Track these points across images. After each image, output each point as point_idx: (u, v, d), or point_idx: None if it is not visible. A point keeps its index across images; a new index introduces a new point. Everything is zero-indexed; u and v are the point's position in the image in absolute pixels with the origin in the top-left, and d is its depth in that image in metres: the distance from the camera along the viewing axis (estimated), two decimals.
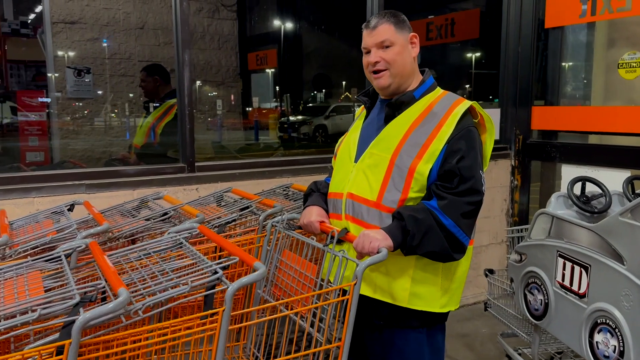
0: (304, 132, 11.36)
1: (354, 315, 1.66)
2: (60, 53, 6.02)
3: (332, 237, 1.79)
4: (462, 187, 1.71)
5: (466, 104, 1.80)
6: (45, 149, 4.74)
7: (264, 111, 10.05)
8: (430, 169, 1.74)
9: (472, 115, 1.83)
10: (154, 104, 3.89)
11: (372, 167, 1.81)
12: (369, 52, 1.85)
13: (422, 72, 1.93)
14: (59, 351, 1.29)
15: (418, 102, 1.85)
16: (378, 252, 1.65)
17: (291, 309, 1.80)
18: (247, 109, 9.63)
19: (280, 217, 2.07)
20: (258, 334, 2.10)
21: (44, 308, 1.37)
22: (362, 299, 1.80)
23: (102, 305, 1.35)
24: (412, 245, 1.69)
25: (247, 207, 2.56)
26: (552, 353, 2.75)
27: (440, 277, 1.81)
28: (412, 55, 1.86)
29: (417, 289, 1.79)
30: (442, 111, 1.80)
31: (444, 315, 1.89)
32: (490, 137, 1.88)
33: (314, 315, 1.72)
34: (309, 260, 1.85)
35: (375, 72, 1.84)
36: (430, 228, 1.69)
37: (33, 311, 1.35)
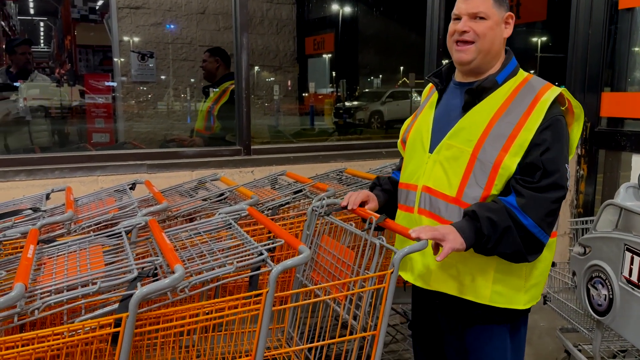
0: (359, 118, 11.25)
1: (390, 304, 1.61)
2: (125, 38, 6.21)
3: (371, 224, 1.73)
4: (545, 181, 1.57)
5: (555, 90, 1.65)
6: (110, 131, 4.94)
7: (319, 96, 10.02)
8: (519, 163, 1.60)
9: (559, 103, 1.67)
10: (214, 89, 3.97)
11: (450, 160, 1.67)
12: (458, 18, 1.68)
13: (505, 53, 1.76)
14: (116, 324, 1.33)
15: (501, 88, 1.69)
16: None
17: (328, 294, 1.77)
18: (304, 94, 9.64)
19: (320, 202, 2.01)
20: (296, 317, 2.11)
21: (104, 281, 1.42)
22: (441, 297, 1.74)
23: (157, 280, 1.39)
24: (485, 248, 1.60)
25: (300, 191, 2.57)
26: (615, 351, 2.62)
27: (523, 273, 1.71)
28: (504, 35, 1.69)
29: (499, 286, 1.69)
30: (528, 98, 1.64)
31: (527, 310, 1.79)
32: (578, 125, 1.73)
33: (350, 302, 1.69)
34: (347, 246, 1.82)
35: (461, 42, 1.67)
36: (507, 230, 1.57)
37: (94, 284, 1.41)
